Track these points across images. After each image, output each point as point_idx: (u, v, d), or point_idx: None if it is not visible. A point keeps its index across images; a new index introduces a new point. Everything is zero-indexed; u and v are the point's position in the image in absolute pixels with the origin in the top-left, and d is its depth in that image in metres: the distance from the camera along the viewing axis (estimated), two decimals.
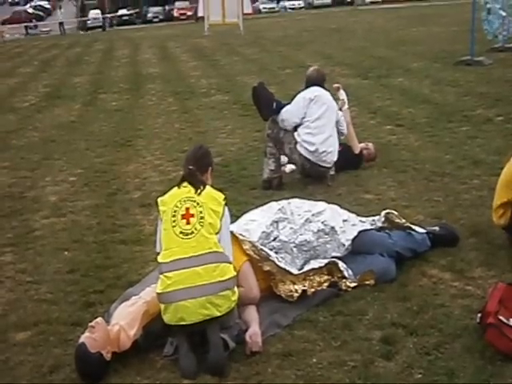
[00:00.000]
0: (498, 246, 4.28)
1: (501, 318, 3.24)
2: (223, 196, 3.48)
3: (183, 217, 3.31)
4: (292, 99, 6.03)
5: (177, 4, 54.38)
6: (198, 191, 3.40)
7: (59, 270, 4.48)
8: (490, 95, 9.54)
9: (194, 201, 3.35)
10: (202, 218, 3.29)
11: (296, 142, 5.85)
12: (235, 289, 3.32)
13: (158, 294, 3.25)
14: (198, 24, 31.45)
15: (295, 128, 5.89)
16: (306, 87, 6.05)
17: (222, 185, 5.99)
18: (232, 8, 24.80)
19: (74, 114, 10.92)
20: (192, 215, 3.30)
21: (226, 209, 3.44)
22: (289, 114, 5.86)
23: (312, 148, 5.79)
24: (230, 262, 3.35)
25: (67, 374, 3.18)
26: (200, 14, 27.84)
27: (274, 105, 5.94)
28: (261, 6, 52.82)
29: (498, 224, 4.33)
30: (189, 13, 48.19)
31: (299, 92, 6.08)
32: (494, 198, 4.37)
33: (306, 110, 5.85)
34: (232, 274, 3.30)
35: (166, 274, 3.24)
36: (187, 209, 3.32)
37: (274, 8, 52.97)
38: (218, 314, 3.19)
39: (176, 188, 3.48)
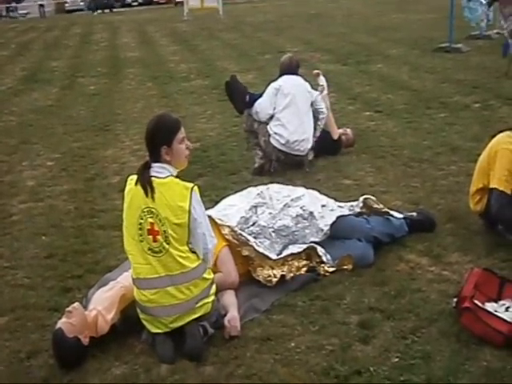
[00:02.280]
0: (475, 231, 4.34)
1: (476, 302, 3.29)
2: (190, 186, 3.19)
3: (149, 232, 3.14)
4: (265, 90, 6.01)
5: None
6: (149, 194, 3.13)
7: (37, 255, 4.45)
8: (468, 82, 9.61)
9: (156, 215, 3.11)
10: (166, 236, 3.12)
11: (269, 135, 5.86)
12: (212, 290, 3.30)
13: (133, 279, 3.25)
14: (178, 8, 31.16)
15: (270, 118, 5.89)
16: (280, 76, 6.05)
17: (200, 170, 6.01)
18: None
19: (51, 98, 10.78)
20: (157, 232, 3.13)
21: (195, 196, 3.18)
22: (262, 106, 5.87)
23: (283, 140, 5.80)
24: (206, 270, 3.26)
25: (45, 359, 3.17)
26: None
27: (248, 98, 5.94)
28: None
29: (475, 210, 4.38)
30: None
31: (272, 81, 6.07)
32: (471, 185, 4.41)
33: (275, 100, 5.85)
34: (206, 284, 3.24)
35: (140, 289, 3.21)
36: (152, 224, 3.13)
37: None
38: (196, 316, 3.21)
39: (133, 185, 3.21)
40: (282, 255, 3.85)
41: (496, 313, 3.26)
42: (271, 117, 5.88)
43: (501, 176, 4.06)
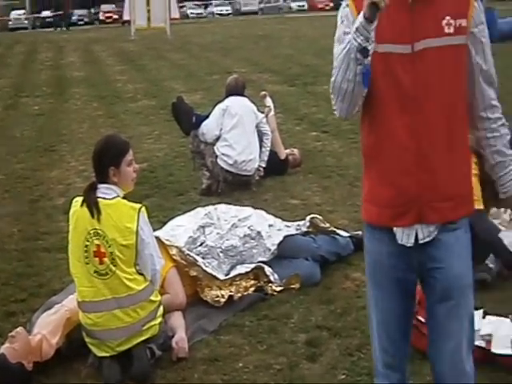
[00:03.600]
0: None
1: (420, 318, 3.37)
2: (137, 206, 3.17)
3: (95, 254, 3.10)
4: (212, 111, 6.05)
5: (103, 7, 53.44)
6: (95, 216, 3.10)
7: None
8: None
9: (103, 237, 3.08)
10: (113, 259, 3.09)
11: (216, 156, 5.89)
12: (159, 312, 3.28)
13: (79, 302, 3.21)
14: (125, 28, 31.04)
15: (217, 139, 5.93)
16: (226, 97, 6.10)
17: (148, 191, 5.97)
18: (158, 12, 24.56)
19: None
20: (104, 254, 3.09)
21: (142, 217, 3.16)
22: (208, 127, 5.90)
23: (231, 161, 5.84)
24: (153, 292, 3.23)
25: None
26: (126, 17, 27.44)
27: (194, 119, 5.97)
28: (188, 12, 52.59)
29: None
30: (115, 16, 47.45)
31: (219, 102, 6.11)
32: None
33: (222, 121, 5.89)
34: (153, 307, 3.22)
35: (85, 313, 3.17)
36: (98, 246, 3.09)
37: (201, 13, 52.84)
38: (143, 338, 3.18)
39: (79, 206, 3.17)
40: (229, 275, 3.86)
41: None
42: (218, 138, 5.91)
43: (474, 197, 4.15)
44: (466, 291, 2.09)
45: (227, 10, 53.66)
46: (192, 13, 52.02)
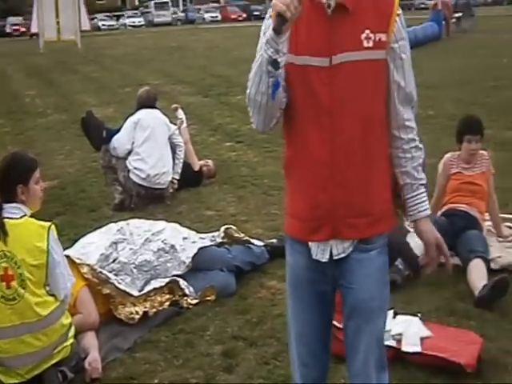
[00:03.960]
0: None
1: (335, 323, 3.43)
2: (46, 225, 3.08)
3: (2, 278, 2.96)
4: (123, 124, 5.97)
5: (9, 20, 51.79)
6: (1, 238, 2.96)
7: None
8: None
9: (11, 258, 2.97)
10: (22, 280, 2.96)
11: (129, 170, 5.80)
12: (71, 333, 3.19)
13: None
14: (33, 41, 30.18)
15: (129, 153, 5.85)
16: (137, 109, 6.04)
17: (58, 208, 5.81)
18: (68, 25, 24.07)
19: None
20: (12, 277, 2.96)
21: (52, 235, 3.07)
22: (120, 141, 5.82)
23: (143, 175, 5.77)
24: (64, 313, 3.15)
25: None
26: (34, 30, 26.68)
27: (105, 133, 5.87)
28: (100, 23, 51.82)
29: None
30: (22, 29, 46.11)
31: (130, 115, 6.04)
32: None
33: (133, 135, 5.82)
34: (64, 330, 3.13)
35: None
36: (5, 269, 2.96)
37: (113, 25, 52.22)
38: (54, 361, 3.09)
39: None
40: (144, 291, 3.80)
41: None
42: (130, 152, 5.83)
43: None
44: (374, 313, 2.07)
45: (140, 22, 53.26)
46: (103, 25, 51.33)
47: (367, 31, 1.91)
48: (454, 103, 10.10)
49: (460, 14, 25.65)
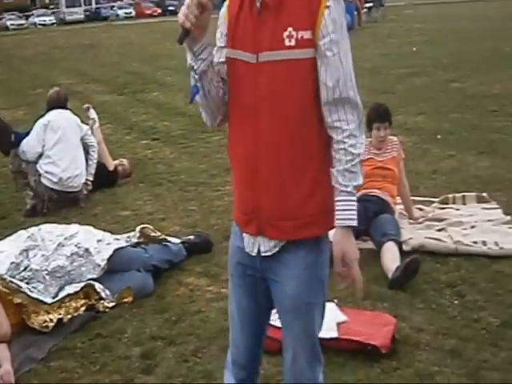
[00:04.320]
0: None
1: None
2: None
3: None
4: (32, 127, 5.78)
5: None
6: None
7: None
8: None
9: None
10: None
11: (40, 175, 5.62)
12: None
13: None
14: None
15: (39, 157, 5.66)
16: (47, 110, 5.86)
17: None
18: None
19: None
20: None
21: None
22: (29, 145, 5.62)
23: (55, 179, 5.60)
24: None
25: None
26: None
27: (13, 137, 5.67)
28: (8, 23, 49.97)
29: None
30: None
31: (40, 117, 5.86)
32: None
33: (44, 137, 5.65)
34: None
35: None
36: None
37: (23, 24, 50.38)
38: None
39: None
40: (57, 298, 3.70)
41: (271, 321, 3.44)
42: (40, 155, 5.64)
43: None
44: (300, 310, 2.03)
45: (50, 20, 51.63)
46: (12, 24, 49.52)
47: (290, 29, 1.83)
48: (366, 91, 10.29)
49: (371, 4, 26.34)
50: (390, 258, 4.08)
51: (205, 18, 1.84)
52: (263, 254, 2.00)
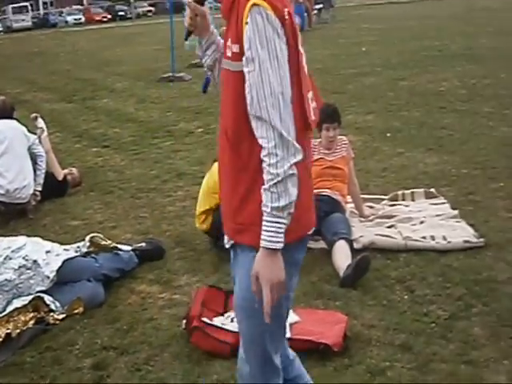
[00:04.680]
0: (201, 251, 4.55)
1: (204, 319, 3.44)
2: None
3: None
4: None
5: None
6: None
7: None
8: (191, 109, 10.10)
9: None
10: None
11: None
12: None
13: None
14: None
15: None
16: None
17: None
18: None
19: None
20: None
21: None
22: None
23: (2, 190, 5.47)
24: None
25: None
26: None
27: None
28: None
29: (201, 229, 4.59)
30: None
31: None
32: (197, 206, 4.61)
33: None
34: None
35: None
36: None
37: None
38: None
39: None
40: (5, 312, 3.62)
41: (223, 325, 3.44)
42: None
43: None
44: (244, 312, 2.05)
45: None
46: None
47: (229, 40, 1.89)
48: None
49: (321, 6, 26.59)
50: (342, 256, 4.13)
51: (199, 20, 2.09)
52: (225, 245, 2.06)
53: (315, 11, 25.76)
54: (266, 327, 2.00)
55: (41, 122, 6.40)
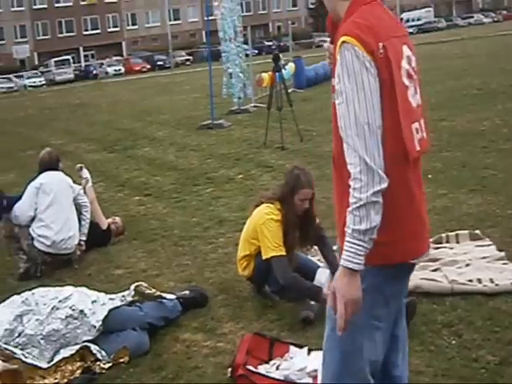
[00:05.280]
0: (245, 298, 4.54)
1: (249, 367, 3.43)
2: None
3: None
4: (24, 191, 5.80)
5: None
6: None
7: None
8: (231, 155, 10.22)
9: None
10: None
11: (33, 238, 5.60)
12: None
13: None
14: None
15: (32, 220, 5.66)
16: (39, 173, 5.89)
17: None
18: None
19: None
20: None
21: None
22: (22, 209, 5.62)
23: (49, 242, 5.58)
24: None
25: None
26: None
27: (5, 202, 5.68)
28: None
29: (243, 275, 4.60)
30: None
31: (31, 180, 5.88)
32: (238, 251, 4.64)
33: (36, 201, 5.66)
34: None
35: None
36: None
37: (12, 87, 50.84)
38: None
39: None
40: (53, 362, 3.67)
41: (268, 373, 3.42)
42: (33, 218, 5.65)
43: (273, 244, 4.30)
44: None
45: (40, 81, 52.23)
46: (2, 87, 49.95)
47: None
48: None
49: None
50: None
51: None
52: None
53: None
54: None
55: (86, 173, 6.56)
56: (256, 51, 42.62)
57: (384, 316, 2.15)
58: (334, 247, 4.79)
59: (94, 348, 3.81)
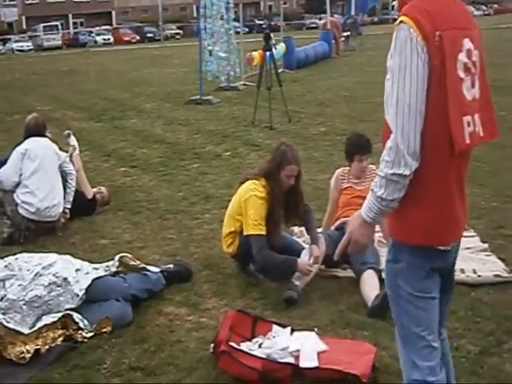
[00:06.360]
0: (229, 275, 4.55)
1: (232, 344, 3.44)
2: None
3: None
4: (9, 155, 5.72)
5: None
6: None
7: None
8: (219, 132, 10.18)
9: None
10: None
11: (17, 204, 5.53)
12: None
13: None
14: None
15: (16, 186, 5.59)
16: (25, 138, 5.81)
17: None
18: None
19: None
20: None
21: None
22: (6, 174, 5.55)
23: (33, 209, 5.51)
24: None
25: None
26: None
27: None
28: None
29: (228, 252, 4.60)
30: None
31: (17, 145, 5.80)
32: (223, 228, 4.63)
33: (21, 166, 5.58)
34: None
35: None
36: None
37: (0, 50, 50.14)
38: None
39: None
40: (35, 328, 3.64)
41: (250, 351, 3.43)
42: (17, 184, 5.58)
43: (253, 222, 4.31)
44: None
45: (28, 46, 51.42)
46: None
47: None
48: (344, 120, 10.46)
49: (348, 33, 26.74)
50: (370, 286, 4.10)
51: None
52: None
53: (343, 38, 25.91)
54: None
55: (73, 140, 6.48)
56: (247, 29, 42.27)
57: (429, 287, 2.22)
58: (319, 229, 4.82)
59: (76, 316, 3.80)
